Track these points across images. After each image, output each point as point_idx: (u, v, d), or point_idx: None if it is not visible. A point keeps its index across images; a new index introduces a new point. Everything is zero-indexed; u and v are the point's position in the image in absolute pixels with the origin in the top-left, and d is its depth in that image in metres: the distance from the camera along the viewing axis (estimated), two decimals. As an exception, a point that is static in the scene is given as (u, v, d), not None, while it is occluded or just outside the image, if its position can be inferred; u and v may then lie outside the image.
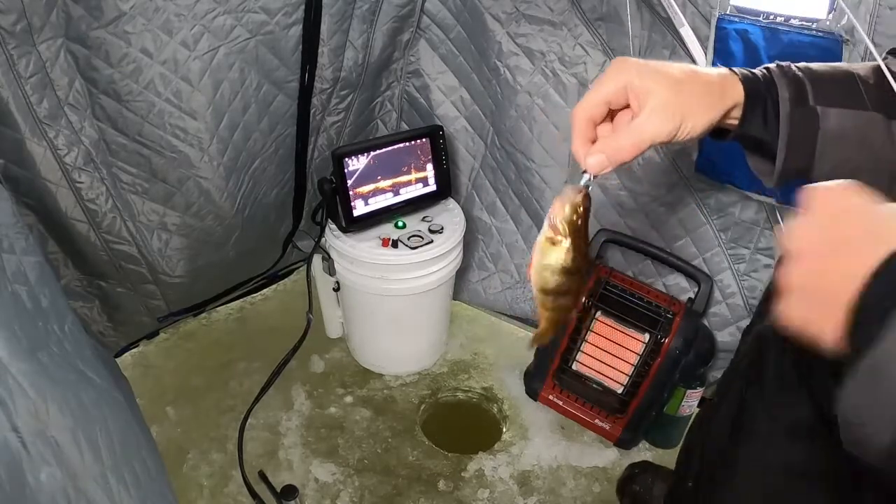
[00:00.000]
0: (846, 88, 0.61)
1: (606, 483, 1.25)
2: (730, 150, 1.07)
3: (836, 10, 0.88)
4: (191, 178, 1.13)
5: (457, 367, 1.53)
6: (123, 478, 0.65)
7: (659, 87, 0.54)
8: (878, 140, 0.60)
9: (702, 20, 1.03)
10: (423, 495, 1.22)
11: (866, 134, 0.60)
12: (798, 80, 0.60)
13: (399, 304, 1.36)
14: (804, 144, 0.60)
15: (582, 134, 0.58)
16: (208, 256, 1.26)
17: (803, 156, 0.60)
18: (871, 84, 0.61)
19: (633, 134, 0.55)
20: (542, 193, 1.38)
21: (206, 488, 1.21)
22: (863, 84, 0.61)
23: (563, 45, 1.24)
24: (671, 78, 0.55)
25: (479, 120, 1.45)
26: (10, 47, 0.89)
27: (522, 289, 1.54)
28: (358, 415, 1.38)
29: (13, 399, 0.55)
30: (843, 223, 0.41)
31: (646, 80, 0.54)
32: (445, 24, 1.36)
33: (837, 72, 0.63)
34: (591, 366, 1.26)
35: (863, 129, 0.60)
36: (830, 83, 0.61)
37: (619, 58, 0.58)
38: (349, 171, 1.26)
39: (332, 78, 1.27)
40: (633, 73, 0.55)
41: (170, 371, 1.47)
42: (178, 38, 1.00)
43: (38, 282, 0.70)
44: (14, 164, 0.98)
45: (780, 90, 0.59)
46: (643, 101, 0.55)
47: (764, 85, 0.60)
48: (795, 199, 0.47)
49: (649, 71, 0.55)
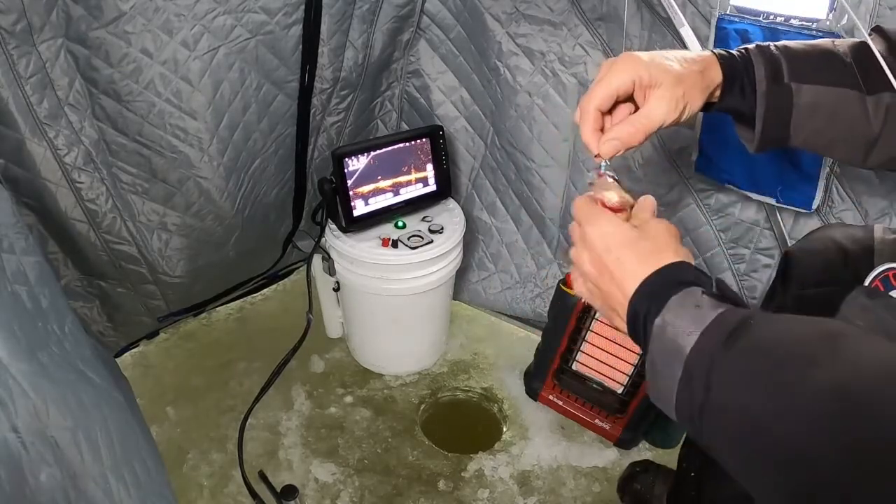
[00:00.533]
0: (822, 65, 0.66)
1: (606, 483, 1.25)
2: (730, 151, 1.07)
3: (836, 9, 0.88)
4: (191, 178, 1.13)
5: (457, 367, 1.53)
6: (123, 478, 0.65)
7: (665, 80, 0.61)
8: (852, 114, 0.65)
9: (702, 20, 1.03)
10: (423, 495, 1.22)
11: (840, 108, 0.65)
12: (774, 58, 0.65)
13: (399, 304, 1.36)
14: (779, 118, 0.66)
15: (592, 123, 0.63)
16: (208, 256, 1.26)
17: (779, 127, 0.66)
18: (847, 61, 0.66)
19: (643, 119, 0.61)
20: (542, 193, 1.38)
21: (206, 488, 1.21)
22: (839, 61, 0.66)
23: (563, 45, 1.23)
24: (673, 72, 0.61)
25: (479, 120, 1.44)
26: (10, 47, 0.89)
27: (522, 289, 1.54)
28: (358, 415, 1.38)
29: (13, 399, 0.55)
30: (606, 257, 0.54)
31: (654, 74, 0.61)
32: (445, 24, 1.36)
33: (815, 49, 0.67)
34: (591, 366, 1.26)
35: (836, 104, 0.65)
36: (805, 60, 0.66)
37: (628, 53, 0.62)
38: (349, 171, 1.26)
39: (332, 78, 1.27)
40: (642, 68, 0.61)
41: (170, 371, 1.47)
42: (178, 38, 1.00)
43: (38, 282, 0.69)
44: (14, 164, 0.98)
45: (756, 69, 0.65)
46: (651, 91, 0.61)
47: (742, 63, 0.66)
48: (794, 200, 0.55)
49: (655, 66, 0.61)
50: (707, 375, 0.44)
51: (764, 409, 0.41)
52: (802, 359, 0.41)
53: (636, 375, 1.21)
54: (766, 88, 0.65)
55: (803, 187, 1.03)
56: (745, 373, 0.42)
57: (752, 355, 0.43)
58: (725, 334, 0.44)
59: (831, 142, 0.69)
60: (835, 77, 0.65)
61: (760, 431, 0.41)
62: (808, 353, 0.41)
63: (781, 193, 1.05)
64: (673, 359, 0.46)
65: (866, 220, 1.03)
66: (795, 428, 0.39)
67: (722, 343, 0.44)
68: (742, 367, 0.43)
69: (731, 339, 0.44)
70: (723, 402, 0.43)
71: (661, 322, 0.48)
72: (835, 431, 0.37)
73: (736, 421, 0.42)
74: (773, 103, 0.65)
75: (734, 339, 0.44)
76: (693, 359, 0.45)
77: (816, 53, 0.67)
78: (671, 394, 0.47)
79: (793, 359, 0.41)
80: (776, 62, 0.65)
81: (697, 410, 0.44)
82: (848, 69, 0.65)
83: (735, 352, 0.43)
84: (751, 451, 0.42)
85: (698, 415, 0.45)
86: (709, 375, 0.44)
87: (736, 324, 0.45)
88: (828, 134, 0.68)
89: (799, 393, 0.39)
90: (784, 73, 0.65)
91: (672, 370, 0.46)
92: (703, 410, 0.44)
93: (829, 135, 0.68)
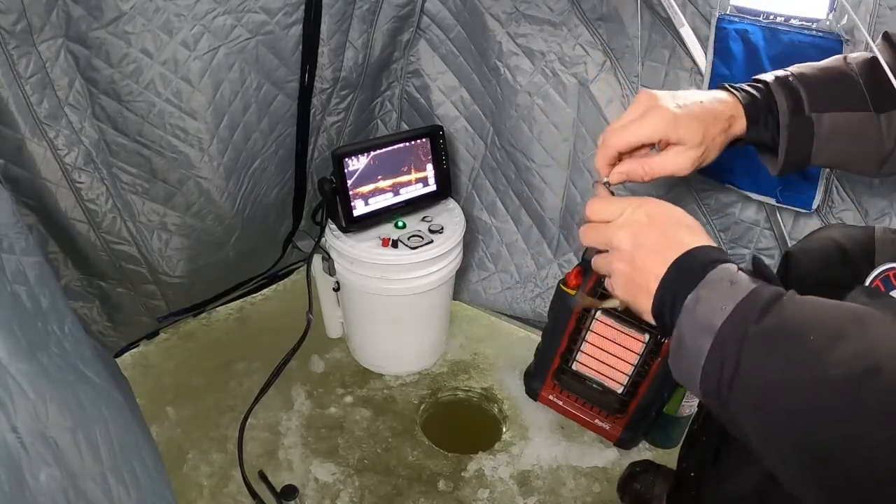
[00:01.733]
0: (838, 90, 0.70)
1: (606, 483, 1.25)
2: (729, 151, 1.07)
3: (836, 9, 0.88)
4: (191, 178, 1.13)
5: (457, 367, 1.53)
6: (123, 478, 0.65)
7: (689, 139, 0.64)
8: (867, 135, 0.70)
9: (702, 20, 1.03)
10: (423, 495, 1.22)
11: (856, 132, 0.70)
12: (794, 90, 0.69)
13: (399, 304, 1.36)
14: (802, 147, 0.70)
15: (609, 159, 0.67)
16: (208, 256, 1.26)
17: (801, 154, 0.70)
18: (860, 81, 0.69)
19: (656, 166, 0.66)
20: (542, 193, 1.38)
21: (206, 488, 1.21)
22: (853, 83, 0.69)
23: (563, 45, 1.23)
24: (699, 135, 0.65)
25: (479, 120, 1.44)
26: (10, 47, 0.89)
27: (522, 289, 1.54)
28: (358, 415, 1.38)
29: (13, 400, 0.55)
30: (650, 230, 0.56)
31: (680, 132, 0.64)
32: (445, 25, 1.36)
33: (830, 73, 0.71)
34: (591, 366, 1.26)
35: (853, 127, 0.69)
36: (823, 88, 0.69)
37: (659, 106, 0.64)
38: (349, 171, 1.26)
39: (332, 78, 1.27)
40: (671, 127, 0.64)
41: (170, 371, 1.47)
42: (179, 39, 1.00)
43: (38, 282, 0.69)
44: (14, 164, 0.98)
45: (778, 102, 0.68)
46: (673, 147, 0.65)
47: (764, 102, 0.69)
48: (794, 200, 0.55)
49: (685, 127, 0.64)
50: (739, 349, 0.45)
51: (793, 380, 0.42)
52: (832, 333, 0.42)
53: (636, 375, 1.21)
54: (789, 121, 0.68)
55: (803, 187, 1.03)
56: (776, 346, 0.44)
57: (784, 329, 0.44)
58: (759, 309, 0.45)
59: (848, 161, 0.73)
60: (851, 101, 0.69)
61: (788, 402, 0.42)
62: (838, 328, 0.43)
63: (781, 193, 1.05)
64: (702, 332, 0.47)
65: (866, 220, 1.03)
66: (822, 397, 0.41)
67: (755, 317, 0.45)
68: (774, 340, 0.44)
69: (764, 314, 0.45)
70: (754, 374, 0.44)
71: (695, 297, 0.49)
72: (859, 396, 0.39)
73: (765, 392, 0.43)
74: (795, 135, 0.69)
75: (766, 313, 0.45)
76: (725, 332, 0.46)
77: (832, 78, 0.70)
78: (697, 368, 0.48)
79: (823, 333, 0.43)
80: (796, 94, 0.69)
81: (727, 383, 0.45)
82: (861, 90, 0.69)
83: (767, 325, 0.45)
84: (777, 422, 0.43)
85: (727, 387, 0.45)
86: (740, 349, 0.45)
87: (769, 299, 0.46)
88: (845, 155, 0.72)
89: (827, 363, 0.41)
90: (805, 104, 0.68)
91: (700, 343, 0.47)
92: (732, 382, 0.45)
93: (846, 155, 0.72)
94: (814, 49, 0.91)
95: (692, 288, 0.49)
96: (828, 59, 0.74)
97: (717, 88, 0.71)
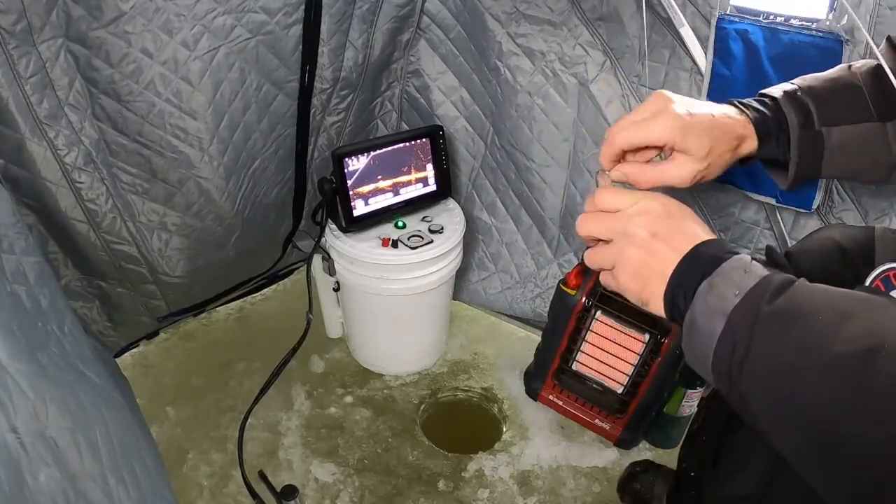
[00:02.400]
0: (846, 103, 0.70)
1: (606, 483, 1.25)
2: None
3: (836, 10, 0.88)
4: (191, 178, 1.13)
5: (457, 367, 1.53)
6: (123, 478, 0.65)
7: (696, 152, 0.64)
8: (876, 145, 0.70)
9: (702, 20, 1.03)
10: (423, 495, 1.22)
11: (865, 142, 0.70)
12: (803, 105, 0.69)
13: (399, 304, 1.36)
14: (812, 161, 0.70)
15: (613, 156, 0.67)
16: (208, 256, 1.26)
17: (812, 168, 0.71)
18: (866, 91, 0.69)
19: (658, 174, 0.65)
20: (543, 193, 1.38)
21: (206, 488, 1.21)
22: (860, 94, 0.69)
23: (563, 45, 1.23)
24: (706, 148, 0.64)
25: (479, 120, 1.44)
26: (10, 47, 0.89)
27: (522, 289, 1.54)
28: (358, 415, 1.38)
29: (12, 400, 0.55)
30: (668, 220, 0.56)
31: (688, 141, 0.63)
32: (445, 25, 1.36)
33: (837, 85, 0.71)
34: (591, 366, 1.26)
35: (862, 139, 0.70)
36: (831, 102, 0.69)
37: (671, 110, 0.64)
38: (349, 171, 1.26)
39: (332, 78, 1.27)
40: (678, 134, 0.63)
41: (170, 371, 1.47)
42: (179, 38, 1.00)
43: (38, 282, 0.69)
44: (14, 164, 0.98)
45: (788, 118, 0.68)
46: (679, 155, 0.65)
47: (774, 119, 0.69)
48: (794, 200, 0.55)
49: (693, 135, 0.63)
50: (750, 330, 0.46)
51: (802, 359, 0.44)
52: (840, 313, 0.44)
53: (636, 375, 1.21)
54: (799, 136, 0.68)
55: (803, 188, 1.03)
56: (786, 326, 0.45)
57: (794, 311, 0.46)
58: (770, 292, 0.47)
59: (858, 171, 0.74)
60: (859, 113, 0.70)
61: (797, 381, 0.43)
62: (846, 309, 0.45)
63: (782, 194, 1.05)
64: (715, 315, 0.49)
65: (866, 221, 1.03)
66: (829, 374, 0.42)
67: (766, 300, 0.47)
68: (784, 321, 0.46)
69: (775, 297, 0.47)
70: (764, 354, 0.46)
71: (709, 284, 0.50)
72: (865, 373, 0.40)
73: (775, 372, 0.45)
74: (806, 149, 0.69)
75: (777, 296, 0.47)
76: (737, 315, 0.47)
77: (840, 91, 0.71)
78: (709, 350, 0.49)
79: (831, 313, 0.44)
80: (806, 108, 0.69)
81: (738, 364, 0.47)
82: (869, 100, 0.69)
83: (778, 307, 0.46)
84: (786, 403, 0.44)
85: (738, 368, 0.47)
86: (752, 330, 0.46)
87: (780, 284, 0.48)
88: (854, 166, 0.72)
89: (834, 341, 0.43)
90: (815, 119, 0.68)
91: (712, 325, 0.48)
92: (743, 363, 0.46)
93: (855, 166, 0.73)
94: (814, 49, 0.91)
95: (707, 275, 0.51)
96: (833, 69, 0.74)
97: (726, 104, 0.70)
